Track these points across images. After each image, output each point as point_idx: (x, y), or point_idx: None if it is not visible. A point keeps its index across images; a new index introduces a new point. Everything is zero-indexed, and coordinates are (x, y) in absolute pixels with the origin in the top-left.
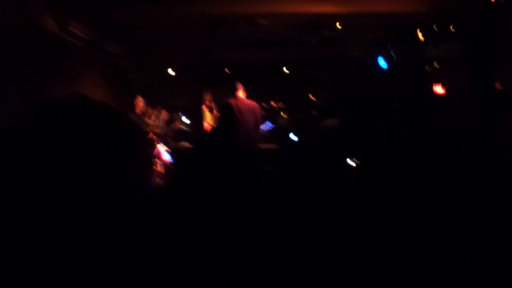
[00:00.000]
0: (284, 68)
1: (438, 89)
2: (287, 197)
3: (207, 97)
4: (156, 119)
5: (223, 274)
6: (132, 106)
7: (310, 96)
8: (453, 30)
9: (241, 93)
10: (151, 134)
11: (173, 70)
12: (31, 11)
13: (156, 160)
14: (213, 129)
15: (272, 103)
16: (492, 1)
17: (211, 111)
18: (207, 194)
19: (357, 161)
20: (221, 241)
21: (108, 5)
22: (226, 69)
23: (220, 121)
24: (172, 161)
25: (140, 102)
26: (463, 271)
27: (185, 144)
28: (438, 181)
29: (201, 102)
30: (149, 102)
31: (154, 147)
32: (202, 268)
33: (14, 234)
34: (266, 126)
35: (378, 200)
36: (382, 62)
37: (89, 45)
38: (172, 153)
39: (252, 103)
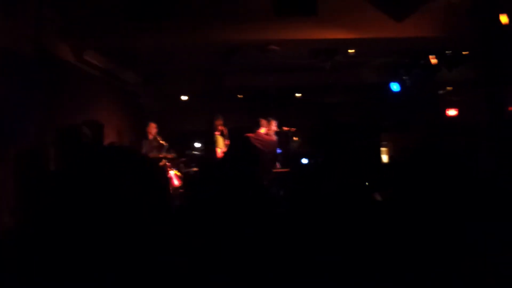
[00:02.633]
0: (297, 94)
1: (451, 112)
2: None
3: (219, 123)
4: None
5: (223, 274)
6: (145, 133)
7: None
8: (465, 55)
9: (263, 130)
10: (163, 161)
11: (186, 96)
12: (46, 40)
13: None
14: (224, 155)
15: (284, 128)
16: (503, 26)
17: (223, 136)
18: (213, 216)
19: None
20: (222, 242)
21: (122, 35)
22: (238, 95)
23: (232, 151)
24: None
25: (153, 129)
26: (463, 271)
27: (195, 169)
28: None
29: (213, 127)
30: (162, 128)
31: (166, 173)
32: (202, 268)
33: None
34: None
35: (382, 204)
36: (395, 87)
37: (103, 73)
38: (182, 177)
39: (270, 140)
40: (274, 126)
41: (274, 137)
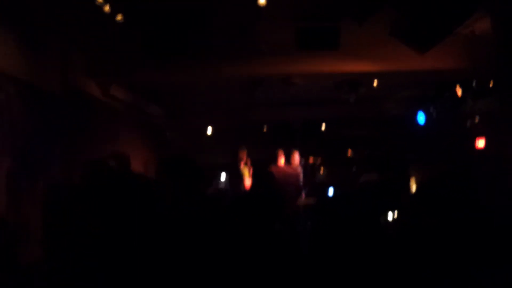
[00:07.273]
0: (323, 126)
1: (480, 143)
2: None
3: (244, 155)
4: None
5: None
6: None
7: (349, 152)
8: (491, 86)
9: (282, 161)
10: None
11: (210, 129)
12: (72, 76)
13: None
14: (248, 193)
15: (311, 159)
16: None
17: (247, 167)
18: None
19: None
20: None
21: (148, 69)
22: (264, 128)
23: (257, 187)
24: None
25: None
26: None
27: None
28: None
29: (238, 159)
30: None
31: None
32: None
33: None
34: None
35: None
36: (420, 119)
37: (129, 107)
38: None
39: (293, 171)
40: (296, 157)
41: (298, 169)
